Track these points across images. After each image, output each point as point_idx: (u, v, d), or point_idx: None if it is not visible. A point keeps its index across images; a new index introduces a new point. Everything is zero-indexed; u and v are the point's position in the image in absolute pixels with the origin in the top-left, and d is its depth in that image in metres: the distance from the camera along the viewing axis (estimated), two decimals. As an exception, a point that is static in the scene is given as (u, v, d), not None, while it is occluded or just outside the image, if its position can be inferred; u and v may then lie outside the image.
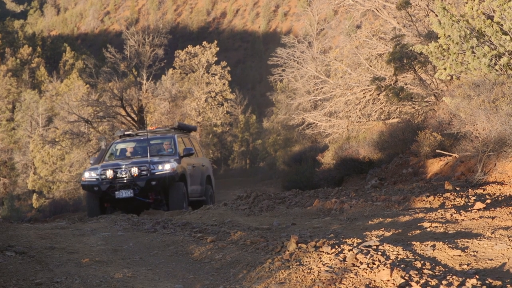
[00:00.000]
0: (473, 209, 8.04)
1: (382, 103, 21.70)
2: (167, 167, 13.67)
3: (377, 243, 5.84)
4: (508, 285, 4.72)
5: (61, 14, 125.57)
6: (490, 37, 12.26)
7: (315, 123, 25.62)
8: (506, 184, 9.97)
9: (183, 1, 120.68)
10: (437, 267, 5.22)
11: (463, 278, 4.83)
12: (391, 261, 5.30)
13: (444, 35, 12.90)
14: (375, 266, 5.18)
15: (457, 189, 10.19)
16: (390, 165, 16.32)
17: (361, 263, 5.32)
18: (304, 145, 34.97)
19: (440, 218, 7.59)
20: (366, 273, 5.10)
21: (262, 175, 45.80)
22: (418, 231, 6.83)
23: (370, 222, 7.99)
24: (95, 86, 42.49)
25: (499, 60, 12.12)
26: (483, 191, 9.66)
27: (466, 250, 5.70)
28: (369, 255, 5.43)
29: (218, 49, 46.85)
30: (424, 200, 9.29)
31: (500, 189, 9.67)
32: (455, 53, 12.75)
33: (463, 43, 12.45)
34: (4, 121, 49.99)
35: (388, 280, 4.91)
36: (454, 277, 4.87)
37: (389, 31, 22.47)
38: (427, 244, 5.96)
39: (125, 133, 15.81)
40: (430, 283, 4.76)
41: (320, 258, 5.61)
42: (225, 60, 48.92)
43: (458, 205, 8.72)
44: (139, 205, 13.74)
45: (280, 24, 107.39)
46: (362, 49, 22.84)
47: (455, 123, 12.50)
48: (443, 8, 12.79)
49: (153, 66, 36.24)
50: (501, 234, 6.15)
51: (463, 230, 6.70)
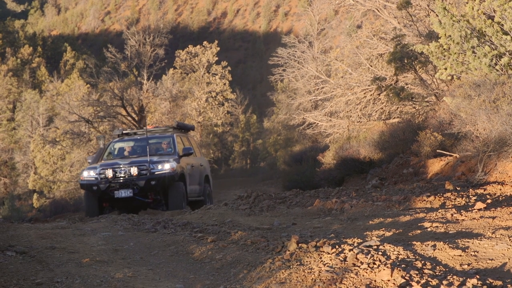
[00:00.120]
0: (474, 209, 8.04)
1: (383, 103, 21.70)
2: (167, 166, 13.52)
3: (378, 243, 5.84)
4: (509, 285, 4.72)
5: (61, 14, 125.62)
6: (491, 37, 12.26)
7: (315, 123, 25.62)
8: (506, 184, 9.97)
9: (183, 1, 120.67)
10: (437, 267, 5.22)
11: (464, 278, 4.83)
12: (391, 261, 5.30)
13: (445, 35, 12.90)
14: (375, 266, 5.18)
15: (458, 189, 10.19)
16: (390, 165, 16.31)
17: (361, 263, 5.32)
18: (304, 145, 34.96)
19: (441, 218, 7.59)
20: (366, 273, 5.10)
21: (262, 175, 45.78)
22: (419, 231, 6.83)
23: (370, 222, 7.99)
24: (95, 86, 42.52)
25: (500, 60, 12.12)
26: (484, 191, 9.66)
27: (466, 250, 5.70)
28: (369, 255, 5.43)
29: (218, 49, 46.86)
30: (424, 200, 9.29)
31: (500, 189, 9.67)
32: (455, 53, 12.74)
33: (463, 43, 12.45)
34: (4, 121, 50.00)
35: (389, 280, 4.91)
36: (454, 277, 4.87)
37: (389, 31, 22.47)
38: (428, 244, 5.96)
39: (123, 132, 15.66)
40: (430, 283, 4.76)
41: (321, 258, 5.61)
42: (225, 60, 48.93)
43: (459, 205, 8.72)
44: (138, 205, 13.60)
45: (280, 24, 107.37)
46: (362, 49, 22.84)
47: (455, 123, 12.50)
48: (444, 8, 12.79)
49: (153, 66, 36.26)
50: (501, 234, 6.15)
51: (463, 230, 6.70)
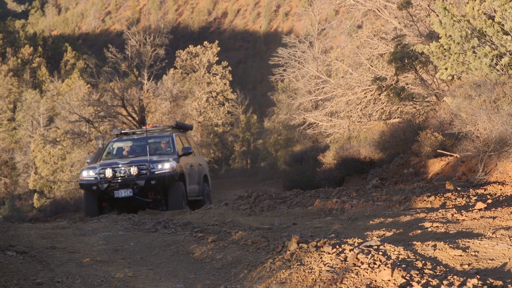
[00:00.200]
0: (474, 209, 8.04)
1: (383, 103, 21.70)
2: (167, 166, 13.41)
3: (378, 243, 5.84)
4: (509, 285, 4.72)
5: (62, 14, 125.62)
6: (491, 37, 12.26)
7: (316, 123, 25.61)
8: (507, 184, 9.97)
9: (184, 1, 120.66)
10: (438, 267, 5.22)
11: (464, 278, 4.83)
12: (392, 261, 5.30)
13: (445, 35, 12.90)
14: (376, 266, 5.18)
15: (458, 189, 10.19)
16: (391, 165, 16.31)
17: (362, 263, 5.32)
18: (305, 145, 34.95)
19: (441, 218, 7.59)
20: (367, 273, 5.10)
21: (263, 175, 45.75)
22: (419, 231, 6.83)
23: (371, 222, 7.99)
24: (96, 86, 42.53)
25: (500, 60, 12.12)
26: (484, 191, 9.66)
27: (467, 250, 5.70)
28: (370, 255, 5.43)
29: (219, 49, 46.86)
30: (425, 200, 9.29)
31: (501, 189, 9.66)
32: (456, 53, 12.74)
33: (464, 43, 12.45)
34: (5, 121, 50.02)
35: (389, 280, 4.90)
36: (455, 277, 4.87)
37: (390, 31, 22.47)
38: (428, 244, 5.95)
39: (122, 131, 15.54)
40: (431, 283, 4.76)
41: (321, 258, 5.60)
42: (226, 60, 48.92)
43: (459, 205, 8.72)
44: (138, 204, 13.51)
45: (281, 24, 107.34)
46: (363, 49, 22.83)
47: (456, 123, 12.50)
48: (444, 8, 12.78)
49: (154, 66, 36.27)
50: (502, 234, 6.15)
51: (464, 230, 6.70)
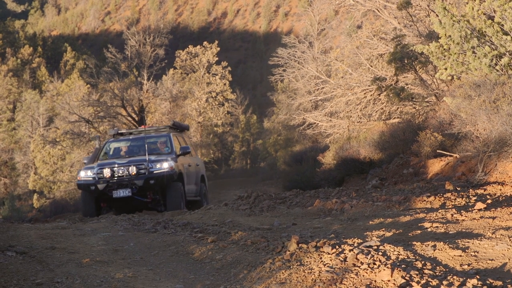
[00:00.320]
0: (474, 209, 8.03)
1: (383, 103, 21.70)
2: (165, 165, 13.32)
3: (378, 243, 5.84)
4: (509, 285, 4.71)
5: (62, 14, 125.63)
6: (491, 37, 12.26)
7: (315, 123, 25.61)
8: (506, 184, 9.96)
9: (184, 1, 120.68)
10: (437, 267, 5.22)
11: (464, 278, 4.83)
12: (391, 261, 5.30)
13: (445, 35, 12.90)
14: (375, 266, 5.18)
15: (458, 189, 10.18)
16: (390, 165, 16.31)
17: (361, 263, 5.32)
18: (304, 145, 34.97)
19: (441, 218, 7.58)
20: (366, 273, 5.10)
21: (262, 175, 45.74)
22: (419, 231, 6.82)
23: (370, 222, 7.99)
24: (96, 86, 42.54)
25: (500, 61, 12.12)
26: (484, 191, 9.66)
27: (467, 250, 5.69)
28: (369, 255, 5.43)
29: (219, 49, 46.90)
30: (424, 200, 9.29)
31: (500, 189, 9.66)
32: (455, 53, 12.74)
33: (464, 43, 12.45)
34: (5, 121, 50.03)
35: (389, 280, 4.90)
36: (455, 277, 4.87)
37: (390, 31, 22.47)
38: (428, 245, 5.95)
39: (119, 132, 15.46)
40: (430, 283, 4.75)
41: (321, 258, 5.60)
42: (225, 60, 48.95)
43: (459, 205, 8.72)
44: (136, 204, 13.38)
45: (281, 24, 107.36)
46: (363, 49, 22.83)
47: (456, 123, 12.49)
48: (444, 8, 12.78)
49: (154, 66, 36.29)
50: (501, 234, 6.14)
51: (463, 230, 6.69)
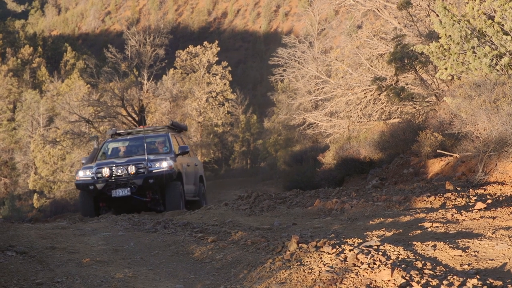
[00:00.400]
0: (474, 209, 8.03)
1: (383, 103, 21.70)
2: (165, 164, 13.26)
3: (378, 243, 5.84)
4: (509, 285, 4.71)
5: (62, 14, 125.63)
6: (491, 37, 12.26)
7: (316, 123, 25.61)
8: (507, 184, 9.96)
9: (184, 1, 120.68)
10: (438, 267, 5.22)
11: (464, 278, 4.83)
12: (392, 261, 5.30)
13: (445, 35, 12.90)
14: (376, 266, 5.18)
15: (458, 189, 10.18)
16: (391, 165, 16.31)
17: (362, 263, 5.31)
18: (305, 145, 34.98)
19: (441, 218, 7.58)
20: (367, 273, 5.10)
21: (263, 175, 45.76)
22: (419, 231, 6.82)
23: (371, 222, 7.99)
24: (96, 86, 42.54)
25: (500, 60, 12.11)
26: (484, 191, 9.65)
27: (467, 250, 5.69)
28: (370, 255, 5.43)
29: (219, 49, 46.88)
30: (425, 200, 9.29)
31: (501, 189, 9.66)
32: (456, 53, 12.74)
33: (464, 43, 12.45)
34: (5, 121, 50.04)
35: (389, 280, 4.90)
36: (455, 277, 4.87)
37: (390, 31, 22.47)
38: (428, 244, 5.95)
39: (117, 132, 15.40)
40: (431, 283, 4.75)
41: (321, 258, 5.60)
42: (226, 60, 48.93)
43: (459, 205, 8.72)
44: (136, 204, 13.31)
45: (281, 24, 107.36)
46: (363, 49, 22.83)
47: (456, 123, 12.49)
48: (444, 7, 12.78)
49: (154, 66, 36.28)
50: (502, 234, 6.14)
51: (464, 230, 6.69)
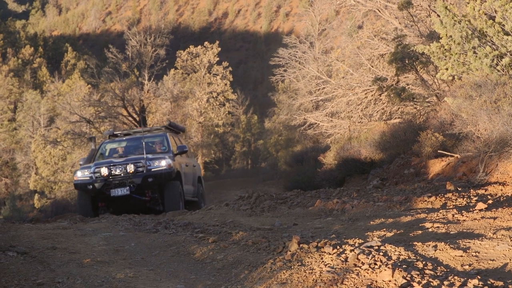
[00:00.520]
0: (475, 209, 8.03)
1: (384, 103, 21.70)
2: (163, 163, 13.18)
3: (379, 243, 5.84)
4: (510, 286, 4.71)
5: (62, 14, 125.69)
6: (492, 37, 12.25)
7: (316, 123, 25.62)
8: (507, 185, 9.95)
9: (184, 1, 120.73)
10: (438, 267, 5.21)
11: (465, 278, 4.83)
12: (392, 261, 5.29)
13: (446, 35, 12.89)
14: (376, 267, 5.18)
15: (459, 189, 10.17)
16: (391, 166, 16.30)
17: (362, 263, 5.31)
18: (305, 145, 34.99)
19: (442, 218, 7.58)
20: (367, 273, 5.10)
21: (263, 175, 45.78)
22: (420, 231, 6.82)
23: (371, 222, 7.98)
24: (96, 86, 42.57)
25: (501, 61, 12.11)
26: (485, 191, 9.65)
27: (468, 251, 5.69)
28: (370, 255, 5.43)
29: (219, 49, 46.93)
30: (425, 201, 9.28)
31: (501, 190, 9.65)
32: (456, 53, 12.74)
33: (465, 43, 12.44)
34: (6, 121, 50.07)
35: (390, 281, 4.90)
36: (455, 277, 4.87)
37: (390, 32, 22.47)
38: (429, 245, 5.95)
39: (114, 133, 15.36)
40: (431, 283, 4.75)
41: (322, 258, 5.60)
42: (226, 61, 48.96)
43: (460, 205, 8.71)
44: (135, 203, 13.21)
45: (281, 25, 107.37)
46: (363, 50, 22.83)
47: (456, 124, 12.49)
48: (445, 7, 12.77)
49: (154, 66, 36.31)
50: (503, 235, 6.14)
51: (464, 230, 6.69)
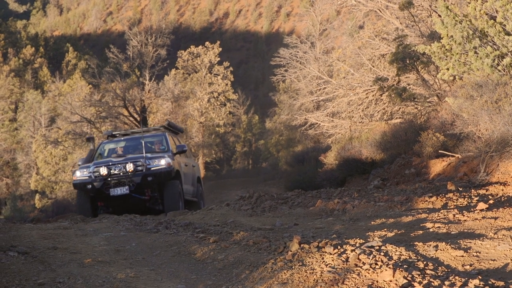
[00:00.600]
0: (476, 209, 8.02)
1: (385, 103, 21.70)
2: (163, 162, 13.14)
3: (380, 243, 5.84)
4: (511, 286, 4.71)
5: (63, 14, 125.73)
6: (493, 37, 12.25)
7: (317, 123, 25.61)
8: (508, 185, 9.95)
9: (185, 1, 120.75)
10: (439, 267, 5.21)
11: (466, 278, 4.83)
12: (393, 261, 5.29)
13: (447, 35, 12.89)
14: (377, 267, 5.18)
15: (460, 189, 10.17)
16: (392, 166, 16.29)
17: (363, 263, 5.31)
18: (306, 145, 34.97)
19: (443, 218, 7.58)
20: (368, 273, 5.10)
21: (264, 175, 45.76)
22: (421, 231, 6.82)
23: (372, 222, 7.98)
24: (97, 86, 42.56)
25: (502, 61, 12.11)
26: (486, 191, 9.64)
27: (468, 251, 5.69)
28: (371, 255, 5.43)
29: (220, 49, 46.92)
30: (426, 201, 9.28)
31: (502, 190, 9.65)
32: (457, 53, 12.73)
33: (466, 43, 12.44)
34: (6, 121, 50.08)
35: (391, 281, 4.90)
36: (456, 277, 4.87)
37: (391, 32, 22.47)
38: (430, 245, 5.95)
39: (113, 133, 15.32)
40: (432, 283, 4.75)
41: (323, 258, 5.60)
42: (227, 61, 48.95)
43: (461, 205, 8.71)
44: (134, 203, 13.15)
45: (282, 25, 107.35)
46: (364, 50, 22.83)
47: (457, 124, 12.48)
48: (446, 7, 12.77)
49: (155, 66, 36.31)
50: (503, 235, 6.14)
51: (465, 230, 6.69)
